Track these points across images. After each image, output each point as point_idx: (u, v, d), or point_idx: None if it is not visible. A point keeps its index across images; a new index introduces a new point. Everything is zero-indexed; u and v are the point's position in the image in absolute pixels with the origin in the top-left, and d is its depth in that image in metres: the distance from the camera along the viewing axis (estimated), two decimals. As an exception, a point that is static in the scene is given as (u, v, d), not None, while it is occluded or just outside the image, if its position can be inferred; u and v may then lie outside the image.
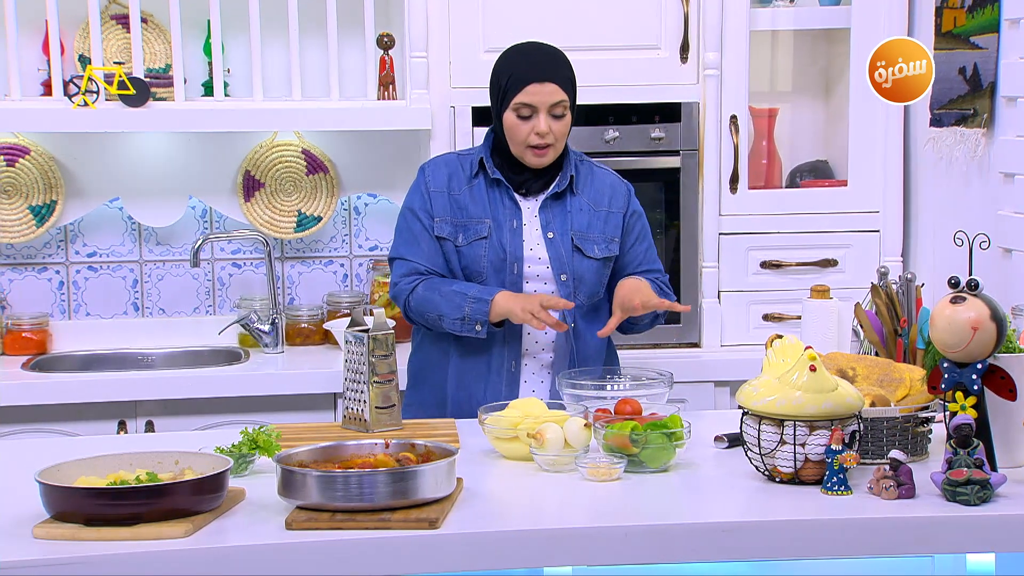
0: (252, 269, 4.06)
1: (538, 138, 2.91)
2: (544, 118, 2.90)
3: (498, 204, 3.00)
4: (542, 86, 2.90)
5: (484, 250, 2.97)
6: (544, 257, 2.99)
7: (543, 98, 2.90)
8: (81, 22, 3.83)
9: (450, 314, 2.91)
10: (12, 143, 3.84)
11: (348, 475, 2.08)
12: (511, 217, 2.99)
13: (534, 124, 2.90)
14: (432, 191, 3.01)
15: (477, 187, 3.00)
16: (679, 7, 3.70)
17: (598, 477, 2.32)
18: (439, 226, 2.99)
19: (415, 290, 2.96)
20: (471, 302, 2.89)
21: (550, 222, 3.00)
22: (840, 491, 2.20)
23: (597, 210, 3.04)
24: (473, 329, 2.90)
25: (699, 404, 3.60)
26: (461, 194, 3.00)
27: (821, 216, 3.81)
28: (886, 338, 2.74)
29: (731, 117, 3.75)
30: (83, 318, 3.98)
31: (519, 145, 2.94)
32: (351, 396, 2.75)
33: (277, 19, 3.77)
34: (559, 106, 2.91)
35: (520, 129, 2.92)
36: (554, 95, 2.91)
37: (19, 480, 2.22)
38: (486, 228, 2.97)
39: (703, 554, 2.09)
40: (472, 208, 2.99)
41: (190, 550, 1.98)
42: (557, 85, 2.91)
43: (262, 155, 3.96)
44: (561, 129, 2.93)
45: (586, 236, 3.01)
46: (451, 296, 2.91)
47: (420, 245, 2.99)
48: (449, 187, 3.01)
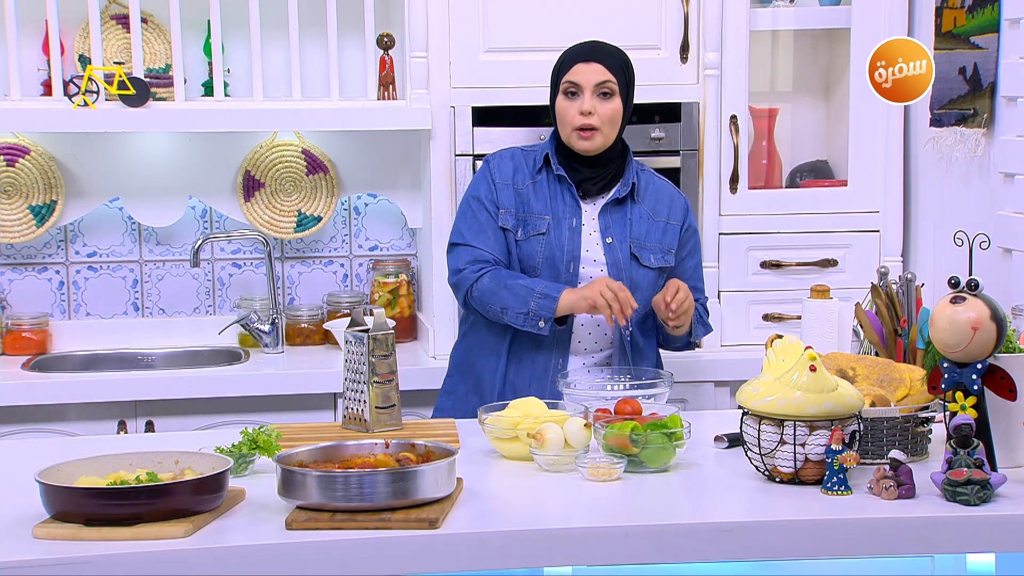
0: (252, 269, 4.06)
1: (582, 118, 2.94)
2: (588, 97, 2.95)
3: (559, 201, 3.01)
4: (588, 65, 2.97)
5: (541, 246, 2.98)
6: (601, 260, 3.00)
7: (588, 77, 2.95)
8: (81, 22, 3.83)
9: (515, 307, 2.90)
10: (12, 143, 3.84)
11: (348, 475, 2.08)
12: (571, 215, 3.00)
13: (579, 103, 2.94)
14: (498, 182, 3.03)
15: (540, 183, 3.03)
16: (679, 7, 3.70)
17: (598, 477, 2.32)
18: (504, 217, 3.00)
19: (480, 279, 2.95)
20: (538, 298, 2.88)
21: (609, 227, 3.01)
22: (840, 491, 2.20)
23: (656, 220, 3.05)
24: (536, 325, 2.90)
25: (699, 404, 3.60)
26: (525, 188, 3.02)
27: (821, 216, 3.81)
28: (886, 338, 2.74)
29: (731, 117, 3.75)
30: (83, 318, 3.98)
31: (566, 127, 2.98)
32: (351, 396, 2.76)
33: (277, 19, 3.77)
34: (604, 85, 2.95)
35: (567, 109, 2.97)
36: (599, 75, 2.96)
37: (19, 480, 2.22)
38: (545, 224, 2.99)
39: (703, 554, 2.09)
40: (534, 203, 3.00)
41: (190, 550, 1.98)
42: (603, 66, 2.96)
43: (262, 155, 3.96)
44: (607, 113, 2.96)
45: (643, 245, 3.03)
46: (517, 290, 2.90)
47: (487, 233, 2.99)
48: (514, 180, 3.03)
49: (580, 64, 2.97)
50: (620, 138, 3.05)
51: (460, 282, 2.98)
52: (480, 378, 3.04)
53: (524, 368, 3.00)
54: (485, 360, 3.04)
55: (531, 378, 2.98)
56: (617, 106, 2.97)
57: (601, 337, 3.03)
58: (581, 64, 2.97)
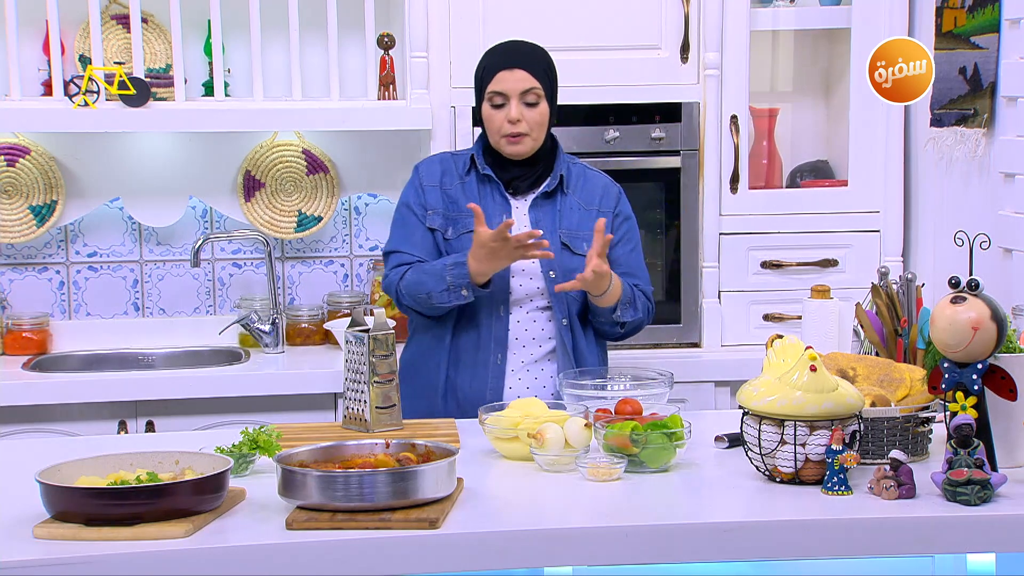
0: (252, 269, 4.06)
1: (510, 125, 2.95)
2: (516, 105, 2.95)
3: (488, 200, 3.03)
4: (511, 73, 2.96)
5: (471, 243, 2.97)
6: None
7: (513, 85, 2.95)
8: (81, 22, 3.83)
9: (436, 287, 2.93)
10: (12, 143, 3.84)
11: (348, 475, 2.08)
12: (500, 212, 3.01)
13: (506, 112, 2.95)
14: (426, 186, 3.06)
15: (469, 183, 3.04)
16: (679, 7, 3.70)
17: (598, 477, 2.32)
18: (431, 218, 3.03)
19: (404, 276, 2.99)
20: (451, 268, 2.91)
21: (540, 220, 3.02)
22: (840, 491, 2.20)
23: (588, 209, 3.06)
24: (460, 296, 2.91)
25: (699, 404, 3.60)
26: (453, 188, 3.04)
27: (821, 216, 3.81)
28: (886, 338, 2.74)
29: (731, 117, 3.75)
30: (83, 318, 3.98)
31: (495, 134, 2.99)
32: (351, 396, 2.75)
33: (277, 19, 3.77)
34: (530, 93, 2.95)
35: (494, 118, 2.97)
36: (524, 82, 2.95)
37: (20, 480, 2.22)
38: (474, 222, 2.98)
39: (704, 554, 2.09)
40: (463, 202, 3.02)
41: (190, 550, 1.98)
42: (527, 72, 2.96)
43: (262, 155, 3.96)
44: (535, 118, 2.96)
45: (576, 234, 3.03)
46: (433, 271, 2.94)
47: (415, 237, 3.03)
48: (442, 182, 3.05)
49: (503, 72, 2.96)
50: (549, 135, 3.06)
51: (388, 287, 3.05)
52: (424, 380, 3.05)
53: (465, 367, 3.01)
54: (428, 362, 3.05)
55: (472, 377, 2.98)
56: (544, 110, 2.98)
57: (539, 333, 3.02)
58: (504, 72, 2.96)
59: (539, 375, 3.03)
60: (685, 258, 3.79)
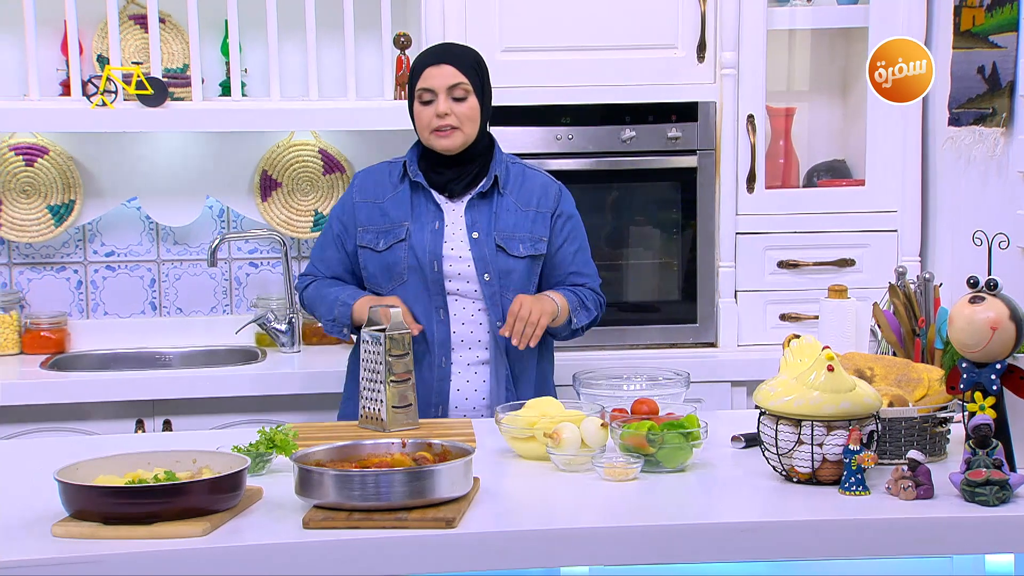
0: (269, 269, 4.07)
1: (438, 120, 2.96)
2: (443, 100, 2.96)
3: (420, 207, 3.03)
4: (439, 68, 2.97)
5: (404, 252, 2.99)
6: (467, 256, 2.99)
7: (440, 81, 2.96)
8: (99, 22, 3.84)
9: (325, 315, 3.05)
10: (31, 143, 3.86)
11: (365, 474, 2.09)
12: (433, 219, 3.01)
13: (435, 107, 2.96)
14: (357, 201, 3.08)
15: (402, 192, 3.05)
16: (696, 6, 3.69)
17: (615, 477, 2.32)
18: (361, 235, 3.05)
19: (306, 289, 3.13)
20: (339, 306, 3.00)
21: (476, 222, 3.01)
22: (858, 491, 2.20)
23: (525, 210, 3.05)
24: (342, 332, 3.03)
25: (715, 404, 3.59)
26: (385, 201, 3.06)
27: (838, 216, 3.80)
28: (904, 338, 2.73)
29: (748, 116, 3.74)
30: (101, 317, 3.99)
31: (424, 130, 3.00)
32: (368, 395, 2.76)
33: (294, 19, 3.78)
34: (458, 88, 2.96)
35: (423, 114, 2.99)
36: (451, 77, 2.96)
37: (38, 479, 2.23)
38: (404, 231, 3.00)
39: (720, 554, 2.09)
40: (394, 213, 3.03)
41: (207, 549, 1.99)
42: (454, 68, 2.97)
43: (279, 155, 3.97)
44: (464, 112, 2.97)
45: (512, 236, 3.02)
46: (328, 298, 3.05)
47: (325, 252, 3.12)
48: (375, 195, 3.07)
49: (431, 68, 2.97)
50: (486, 134, 3.06)
51: (296, 290, 3.20)
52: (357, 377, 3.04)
53: None
54: None
55: (417, 377, 2.96)
56: (473, 104, 2.99)
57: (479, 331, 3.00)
58: (432, 68, 2.97)
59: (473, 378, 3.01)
60: (701, 258, 3.78)
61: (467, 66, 2.99)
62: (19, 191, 3.86)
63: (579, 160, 3.73)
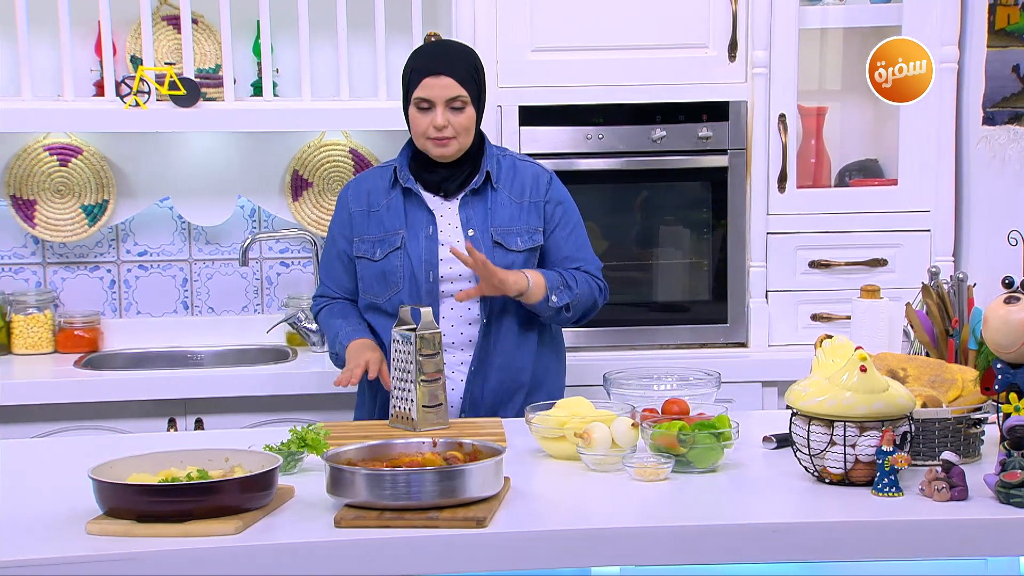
0: (300, 268, 4.08)
1: (436, 131, 2.94)
2: (441, 111, 2.94)
3: (414, 212, 3.02)
4: (437, 79, 2.94)
5: (399, 260, 2.99)
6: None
7: (439, 92, 2.93)
8: (133, 23, 3.87)
9: (329, 348, 3.10)
10: (65, 143, 3.89)
11: (396, 474, 2.09)
12: (426, 224, 3.00)
13: (432, 117, 2.94)
14: (353, 211, 3.07)
15: (395, 198, 3.04)
16: (727, 5, 3.68)
17: (645, 477, 2.31)
18: (357, 246, 3.04)
19: (320, 313, 3.16)
20: (339, 341, 3.02)
21: (471, 219, 3.00)
22: (891, 492, 2.18)
23: (519, 202, 3.03)
24: (340, 366, 3.02)
25: (746, 404, 3.58)
26: (380, 209, 3.04)
27: (871, 215, 3.78)
28: (937, 338, 2.71)
29: (779, 116, 3.72)
30: (134, 316, 4.02)
31: (420, 137, 2.98)
32: (398, 395, 2.77)
33: (325, 19, 3.79)
34: (456, 100, 2.94)
35: (419, 122, 2.97)
36: (450, 89, 2.93)
37: (73, 476, 2.24)
38: (399, 239, 2.99)
39: (752, 555, 2.08)
40: (388, 221, 3.02)
41: (240, 547, 1.99)
42: (452, 79, 2.94)
43: (310, 154, 3.99)
44: (462, 123, 2.95)
45: (508, 230, 3.01)
46: (330, 331, 3.08)
47: (333, 270, 3.13)
48: (369, 203, 3.06)
49: (430, 78, 2.94)
50: (477, 132, 3.04)
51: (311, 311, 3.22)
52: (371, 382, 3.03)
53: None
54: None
55: None
56: (471, 114, 2.97)
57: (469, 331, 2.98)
58: (431, 78, 2.93)
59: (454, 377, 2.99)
60: (732, 258, 3.77)
61: (467, 76, 2.96)
62: (53, 191, 3.89)
63: (609, 160, 3.72)
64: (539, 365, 3.05)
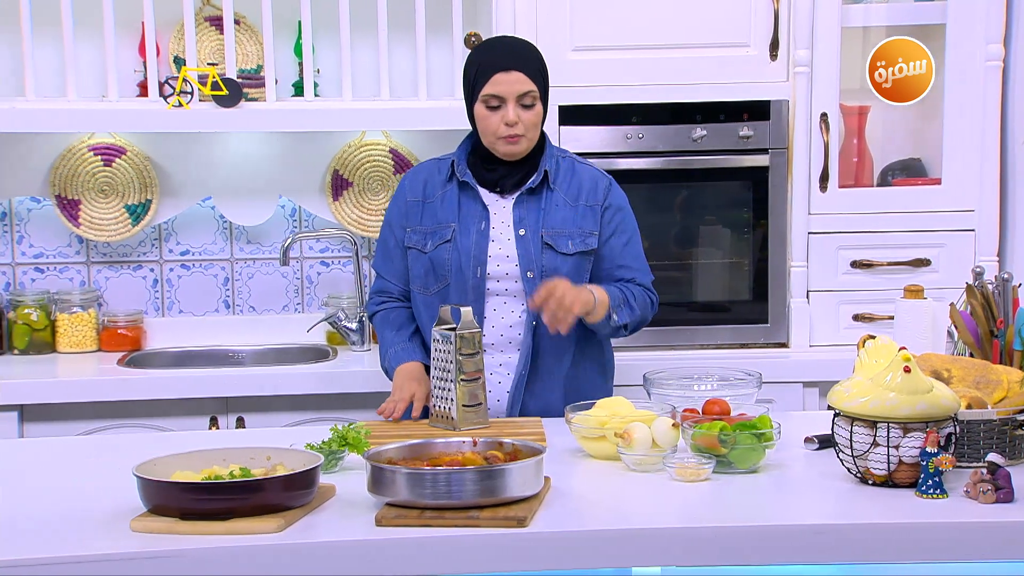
0: (340, 268, 4.10)
1: (507, 128, 2.91)
2: (512, 107, 2.90)
3: (468, 207, 2.99)
4: (508, 75, 2.90)
5: (448, 254, 2.97)
6: (513, 255, 2.95)
7: (510, 87, 2.90)
8: (176, 24, 3.90)
9: (381, 359, 3.08)
10: (109, 143, 3.93)
11: (437, 473, 2.09)
12: (479, 219, 2.98)
13: (503, 114, 2.91)
14: (409, 200, 3.05)
15: (450, 191, 3.02)
16: (769, 4, 3.66)
17: (686, 477, 2.31)
18: (409, 236, 3.02)
19: (375, 315, 3.12)
20: (389, 356, 3.01)
21: (523, 218, 2.98)
22: (935, 494, 2.16)
23: (574, 205, 3.00)
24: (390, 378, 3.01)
25: (787, 405, 3.56)
26: (435, 200, 3.02)
27: (914, 215, 3.75)
28: (981, 339, 2.69)
29: (821, 115, 3.70)
30: (176, 315, 4.05)
31: (490, 136, 2.94)
32: (439, 394, 2.77)
33: (366, 20, 3.80)
34: (527, 96, 2.91)
35: (490, 120, 2.93)
36: (521, 84, 2.91)
37: (117, 474, 2.27)
38: (451, 232, 2.98)
39: (794, 555, 2.07)
40: (441, 213, 3.00)
41: (282, 545, 2.01)
42: (523, 74, 2.91)
43: (350, 154, 4.00)
44: (531, 119, 2.93)
45: (560, 232, 2.97)
46: (384, 339, 3.06)
47: (393, 262, 3.08)
48: (425, 194, 3.04)
49: (500, 74, 2.90)
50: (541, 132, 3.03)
51: (367, 310, 3.17)
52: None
53: None
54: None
55: None
56: (539, 111, 2.94)
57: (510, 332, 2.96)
58: (501, 74, 2.90)
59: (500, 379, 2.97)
60: (773, 257, 3.75)
61: (536, 72, 2.94)
62: (97, 191, 3.93)
63: (649, 159, 3.71)
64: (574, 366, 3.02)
